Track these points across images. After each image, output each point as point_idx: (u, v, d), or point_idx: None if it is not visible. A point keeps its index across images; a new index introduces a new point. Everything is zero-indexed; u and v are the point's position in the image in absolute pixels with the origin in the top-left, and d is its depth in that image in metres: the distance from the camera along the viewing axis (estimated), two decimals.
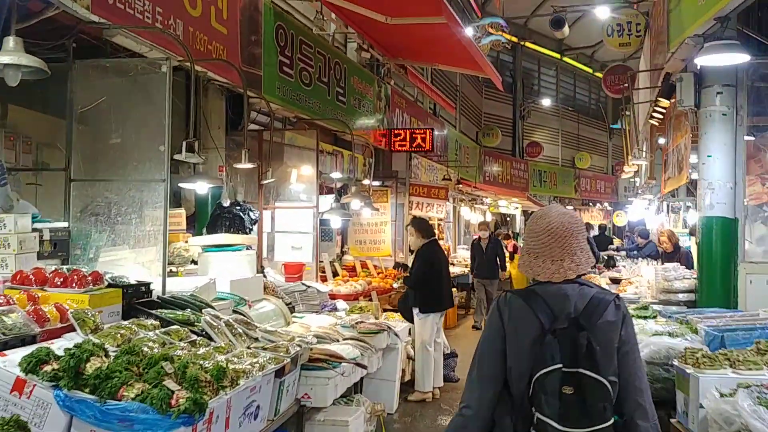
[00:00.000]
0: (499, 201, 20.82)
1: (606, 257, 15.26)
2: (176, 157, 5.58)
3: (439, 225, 17.39)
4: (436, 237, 7.92)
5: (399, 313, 8.04)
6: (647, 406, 2.50)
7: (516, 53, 26.86)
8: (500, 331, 2.56)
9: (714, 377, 3.89)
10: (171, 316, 4.56)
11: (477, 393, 2.57)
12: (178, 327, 4.25)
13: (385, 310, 9.85)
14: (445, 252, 16.48)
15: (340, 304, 8.15)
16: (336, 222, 9.25)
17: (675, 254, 9.63)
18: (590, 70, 31.70)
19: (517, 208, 22.72)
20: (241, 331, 4.66)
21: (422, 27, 10.10)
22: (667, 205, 12.72)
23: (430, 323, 7.50)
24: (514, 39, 25.92)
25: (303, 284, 7.99)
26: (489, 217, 21.75)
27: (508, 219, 25.19)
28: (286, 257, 8.48)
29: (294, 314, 6.95)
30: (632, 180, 16.80)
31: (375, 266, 12.59)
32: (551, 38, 28.59)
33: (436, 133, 16.07)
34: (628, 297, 6.96)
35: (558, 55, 29.43)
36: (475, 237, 14.57)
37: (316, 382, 4.96)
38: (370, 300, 9.48)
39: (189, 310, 4.93)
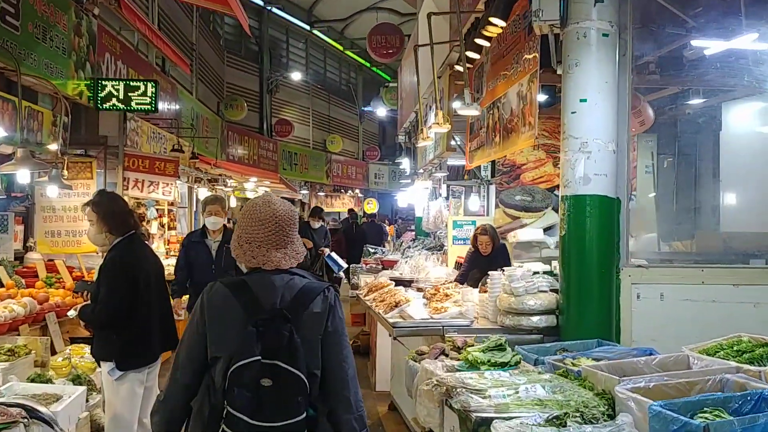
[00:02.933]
0: (245, 183, 17.74)
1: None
2: None
3: (170, 212, 13.90)
4: (142, 230, 4.72)
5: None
6: (351, 397, 2.46)
7: (262, 19, 23.91)
8: (201, 321, 2.45)
9: None
10: None
11: (170, 381, 2.49)
12: None
13: (74, 341, 6.47)
14: (164, 250, 13.07)
15: None
16: None
17: (498, 254, 7.45)
18: (341, 48, 29.85)
19: (266, 192, 19.85)
20: None
21: None
22: (447, 189, 10.73)
23: (132, 387, 4.19)
24: (260, 2, 23.01)
25: None
26: (234, 203, 18.58)
27: None
28: None
29: None
30: (397, 162, 14.88)
31: (71, 268, 8.93)
32: (300, 7, 26.15)
33: (167, 107, 12.65)
34: (454, 323, 4.41)
35: (308, 27, 27.04)
36: (194, 231, 8.31)
37: None
38: (44, 332, 6.00)
39: None
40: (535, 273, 7.98)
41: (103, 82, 9.48)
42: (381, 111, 29.42)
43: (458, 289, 5.14)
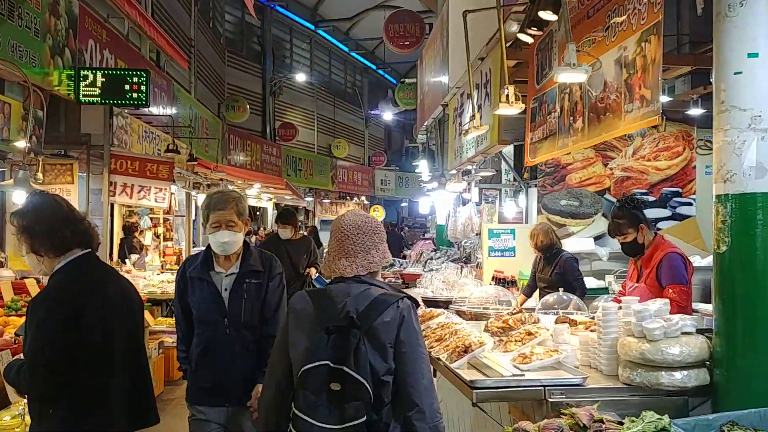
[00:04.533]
0: (248, 190, 16.40)
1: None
2: None
3: (166, 221, 12.61)
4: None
5: None
6: (426, 407, 2.45)
7: (265, 17, 22.65)
8: (287, 327, 2.60)
9: None
10: None
11: (266, 382, 2.67)
12: None
13: None
14: (159, 264, 11.29)
15: None
16: None
17: (553, 261, 6.28)
18: (346, 49, 28.61)
19: (270, 199, 18.47)
20: None
21: None
22: (480, 193, 9.42)
23: None
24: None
25: None
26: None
27: (258, 213, 20.86)
28: None
29: None
30: (414, 165, 13.54)
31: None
32: (304, 5, 24.92)
33: (163, 105, 11.39)
34: (559, 381, 3.05)
35: (312, 27, 25.79)
36: (192, 256, 4.20)
37: None
38: None
39: None
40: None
41: (86, 72, 8.20)
42: (387, 115, 28.18)
43: (541, 324, 3.80)
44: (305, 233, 10.62)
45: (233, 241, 3.67)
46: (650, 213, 8.80)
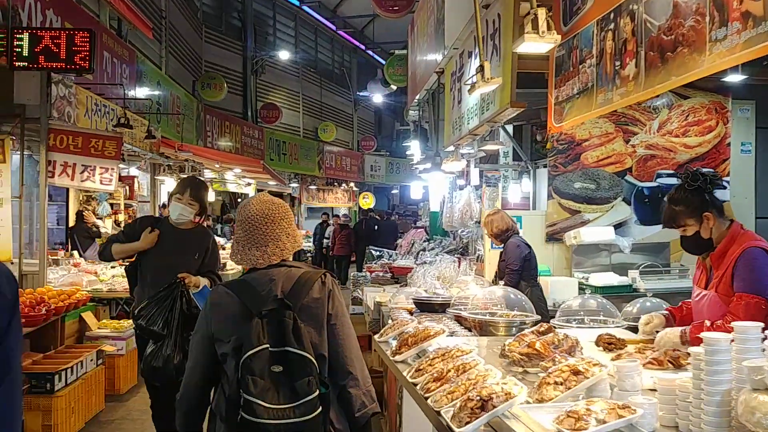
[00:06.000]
0: (225, 174, 15.11)
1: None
2: None
3: (127, 207, 11.30)
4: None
5: None
6: (358, 374, 2.56)
7: None
8: (207, 319, 2.56)
9: None
10: None
11: (185, 380, 2.61)
12: None
13: None
14: None
15: None
16: None
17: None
18: (334, 27, 27.25)
19: (249, 185, 17.18)
20: None
21: None
22: (480, 175, 8.17)
23: None
24: None
25: None
26: (212, 197, 15.96)
27: (240, 200, 19.55)
28: None
29: None
30: (405, 147, 12.28)
31: None
32: None
33: (124, 77, 10.06)
34: None
35: (297, 3, 24.41)
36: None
37: None
38: None
39: None
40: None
41: (19, 33, 6.90)
42: (377, 97, 26.87)
43: (590, 358, 2.57)
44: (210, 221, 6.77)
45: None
46: None
